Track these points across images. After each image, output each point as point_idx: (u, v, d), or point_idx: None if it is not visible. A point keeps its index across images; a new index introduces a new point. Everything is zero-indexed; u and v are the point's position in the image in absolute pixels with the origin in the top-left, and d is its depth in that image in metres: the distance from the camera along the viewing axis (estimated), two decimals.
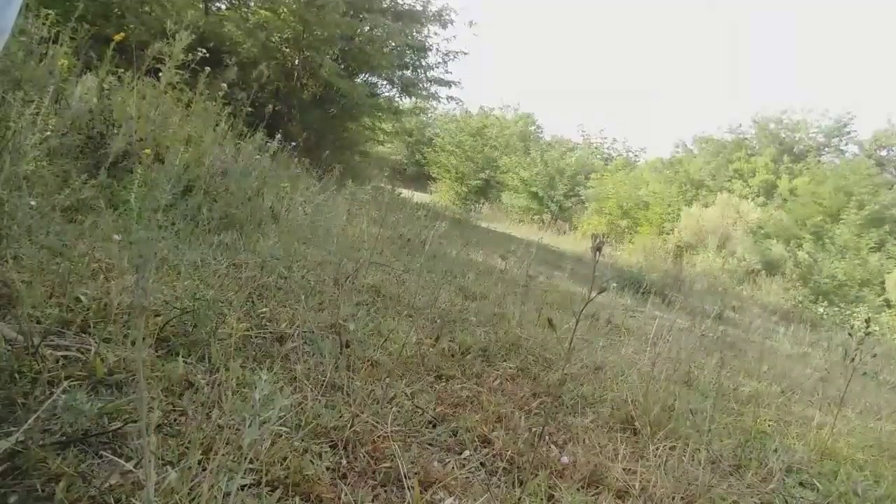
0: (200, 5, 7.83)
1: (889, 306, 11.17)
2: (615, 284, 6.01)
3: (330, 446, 1.31)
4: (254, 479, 1.08)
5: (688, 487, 1.55)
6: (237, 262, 2.29)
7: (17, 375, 1.11)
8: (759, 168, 18.58)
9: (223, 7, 8.53)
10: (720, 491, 1.59)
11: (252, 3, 8.60)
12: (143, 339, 1.43)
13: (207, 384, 1.34)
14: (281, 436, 1.24)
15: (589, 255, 1.41)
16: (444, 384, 1.92)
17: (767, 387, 3.19)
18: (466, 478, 1.38)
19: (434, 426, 1.59)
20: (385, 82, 10.19)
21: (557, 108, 63.43)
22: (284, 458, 1.17)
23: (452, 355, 2.19)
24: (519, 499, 1.32)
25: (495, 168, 18.18)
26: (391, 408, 1.56)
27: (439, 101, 10.62)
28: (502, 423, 1.70)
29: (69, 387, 1.13)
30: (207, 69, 3.21)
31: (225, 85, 3.50)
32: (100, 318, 1.46)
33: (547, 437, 1.69)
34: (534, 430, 1.67)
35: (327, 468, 1.22)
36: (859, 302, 11.17)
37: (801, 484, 1.88)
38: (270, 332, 1.79)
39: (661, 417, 1.97)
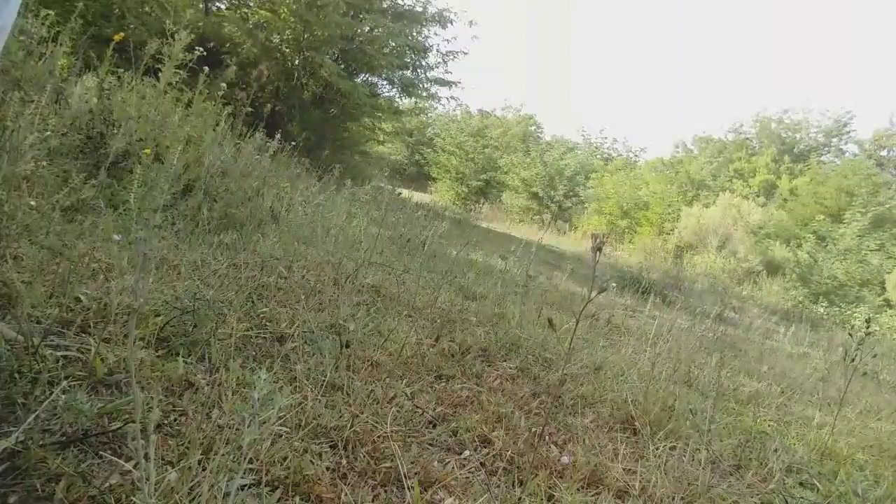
0: (200, 5, 7.85)
1: (889, 306, 11.18)
2: (615, 284, 6.01)
3: (330, 446, 1.31)
4: (254, 479, 1.08)
5: (688, 487, 1.55)
6: (237, 262, 2.29)
7: (17, 375, 1.11)
8: (759, 168, 18.62)
9: (223, 7, 8.54)
10: (720, 491, 1.59)
11: (252, 3, 8.61)
12: (143, 339, 1.43)
13: (207, 384, 1.34)
14: (281, 436, 1.24)
15: (589, 255, 1.41)
16: (444, 384, 1.91)
17: (767, 387, 3.19)
18: (466, 478, 1.37)
19: (434, 426, 1.59)
20: (385, 82, 10.22)
21: (558, 108, 63.51)
22: (284, 458, 1.17)
23: (452, 355, 2.19)
24: (519, 499, 1.32)
25: (496, 168, 18.18)
26: (391, 408, 1.56)
27: (439, 102, 10.65)
28: (502, 423, 1.69)
29: (69, 387, 1.13)
30: (207, 69, 3.21)
31: (224, 85, 3.49)
32: (100, 318, 1.46)
33: (547, 437, 1.69)
34: (534, 430, 1.67)
35: (327, 468, 1.22)
36: (859, 302, 11.18)
37: (801, 484, 1.88)
38: (270, 332, 1.79)
39: (661, 417, 1.97)
